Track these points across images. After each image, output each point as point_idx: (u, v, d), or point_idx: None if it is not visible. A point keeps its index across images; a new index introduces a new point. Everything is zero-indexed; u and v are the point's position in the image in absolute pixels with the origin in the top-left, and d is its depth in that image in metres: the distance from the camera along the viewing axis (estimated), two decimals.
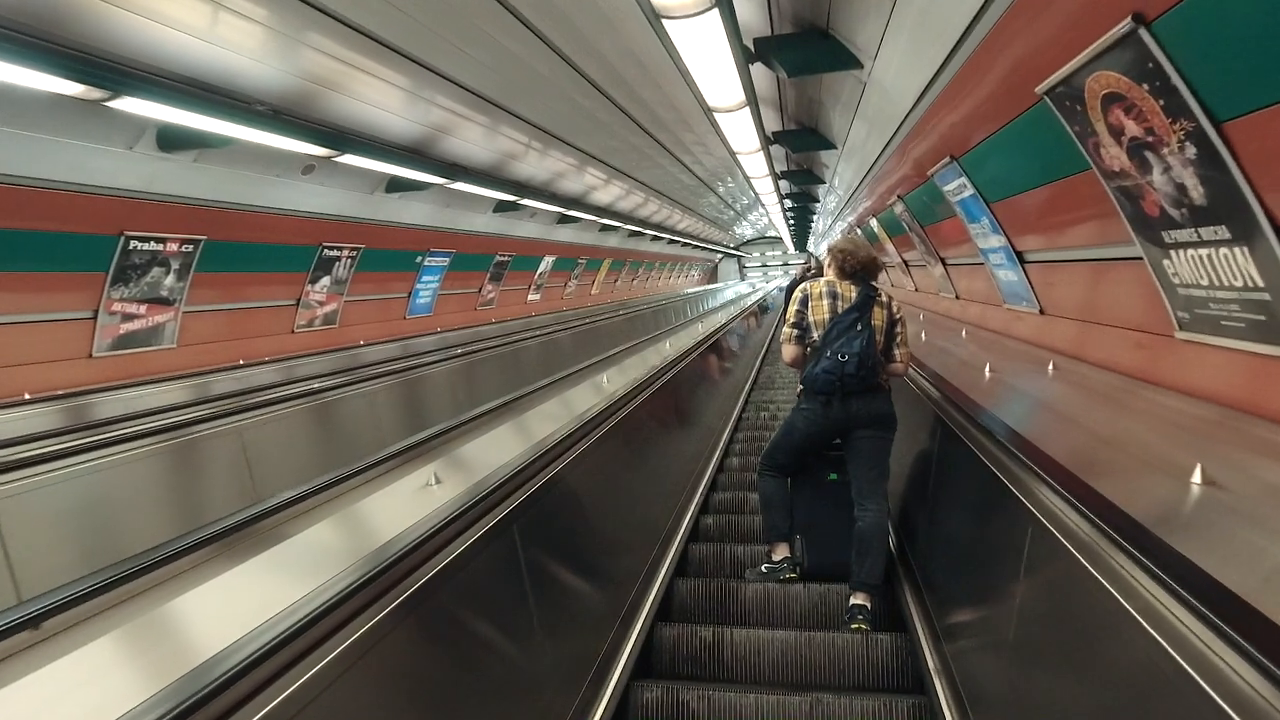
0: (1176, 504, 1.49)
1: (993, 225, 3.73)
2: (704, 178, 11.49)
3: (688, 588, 3.23)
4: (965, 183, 3.76)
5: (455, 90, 5.42)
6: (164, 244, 5.06)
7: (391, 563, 1.42)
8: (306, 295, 6.94)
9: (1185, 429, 2.03)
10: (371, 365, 6.61)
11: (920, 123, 3.75)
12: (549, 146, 7.76)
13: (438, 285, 9.41)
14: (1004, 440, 2.06)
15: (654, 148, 8.45)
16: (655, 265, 22.76)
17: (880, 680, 2.65)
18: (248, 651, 1.06)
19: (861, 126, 5.00)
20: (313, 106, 4.87)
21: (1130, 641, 1.22)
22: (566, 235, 12.66)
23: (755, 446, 5.62)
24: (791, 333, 3.08)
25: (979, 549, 2.31)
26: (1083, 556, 1.44)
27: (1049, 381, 3.01)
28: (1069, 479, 1.63)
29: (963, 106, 3.23)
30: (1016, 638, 1.81)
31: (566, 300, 15.24)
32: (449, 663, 1.66)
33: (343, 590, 1.27)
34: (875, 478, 3.02)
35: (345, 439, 5.66)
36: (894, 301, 3.10)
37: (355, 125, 5.32)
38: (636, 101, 6.29)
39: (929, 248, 5.82)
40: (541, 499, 2.22)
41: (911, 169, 4.71)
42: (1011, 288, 3.98)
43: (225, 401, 4.68)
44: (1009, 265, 3.83)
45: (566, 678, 2.17)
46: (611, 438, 3.12)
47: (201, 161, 4.87)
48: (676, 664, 2.77)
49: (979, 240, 4.17)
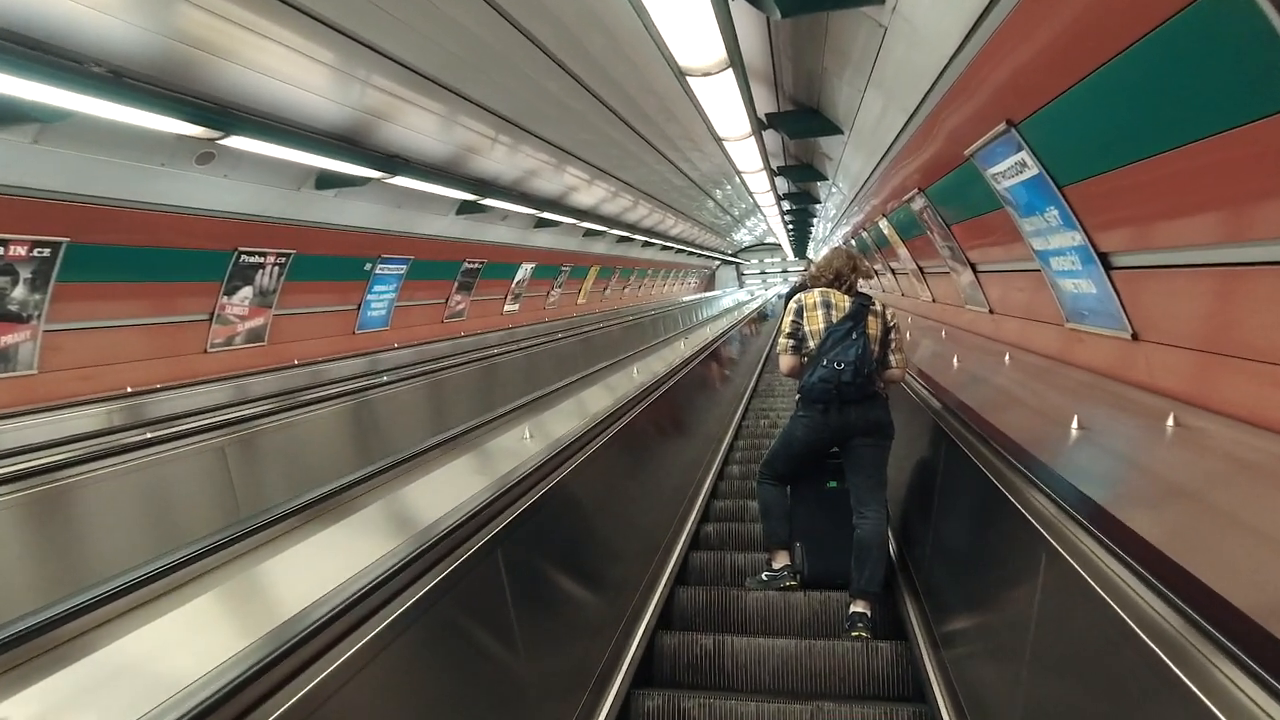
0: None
1: (1064, 218, 2.72)
2: (696, 179, 10.51)
3: (689, 596, 3.23)
4: (1025, 159, 2.75)
5: (394, 68, 4.49)
6: (4, 247, 4.05)
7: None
8: (223, 309, 5.93)
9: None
10: (307, 389, 5.63)
11: (965, 77, 2.74)
12: (516, 140, 6.79)
13: (394, 295, 8.41)
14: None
15: (637, 142, 7.47)
16: (648, 272, 21.64)
17: (880, 688, 2.64)
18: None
19: (876, 99, 4.00)
20: (189, 75, 3.89)
21: (1131, 653, 1.20)
22: (546, 240, 11.66)
23: (755, 455, 5.58)
24: (788, 344, 3.09)
25: (979, 557, 2.27)
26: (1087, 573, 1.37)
27: (1178, 451, 1.99)
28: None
29: (1035, 41, 2.23)
30: (1017, 646, 1.78)
31: (550, 311, 14.18)
32: (451, 671, 1.64)
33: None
34: (874, 485, 3.04)
35: (260, 485, 4.69)
36: (888, 310, 3.10)
37: (251, 102, 4.33)
38: (608, 82, 5.32)
39: (955, 251, 4.82)
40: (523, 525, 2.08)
41: (942, 149, 3.70)
42: (1083, 302, 2.97)
43: (71, 448, 3.67)
44: (1083, 272, 2.82)
45: (568, 685, 2.17)
46: (608, 450, 3.05)
47: (46, 143, 3.87)
48: (678, 672, 2.78)
49: (1035, 240, 3.16)
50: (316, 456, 5.03)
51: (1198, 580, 1.11)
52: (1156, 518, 1.48)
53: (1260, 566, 1.22)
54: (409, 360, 7.62)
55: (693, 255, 22.85)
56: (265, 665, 1.05)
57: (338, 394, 5.69)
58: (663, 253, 19.12)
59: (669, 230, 16.61)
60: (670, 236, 17.53)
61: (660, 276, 23.73)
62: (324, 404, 5.43)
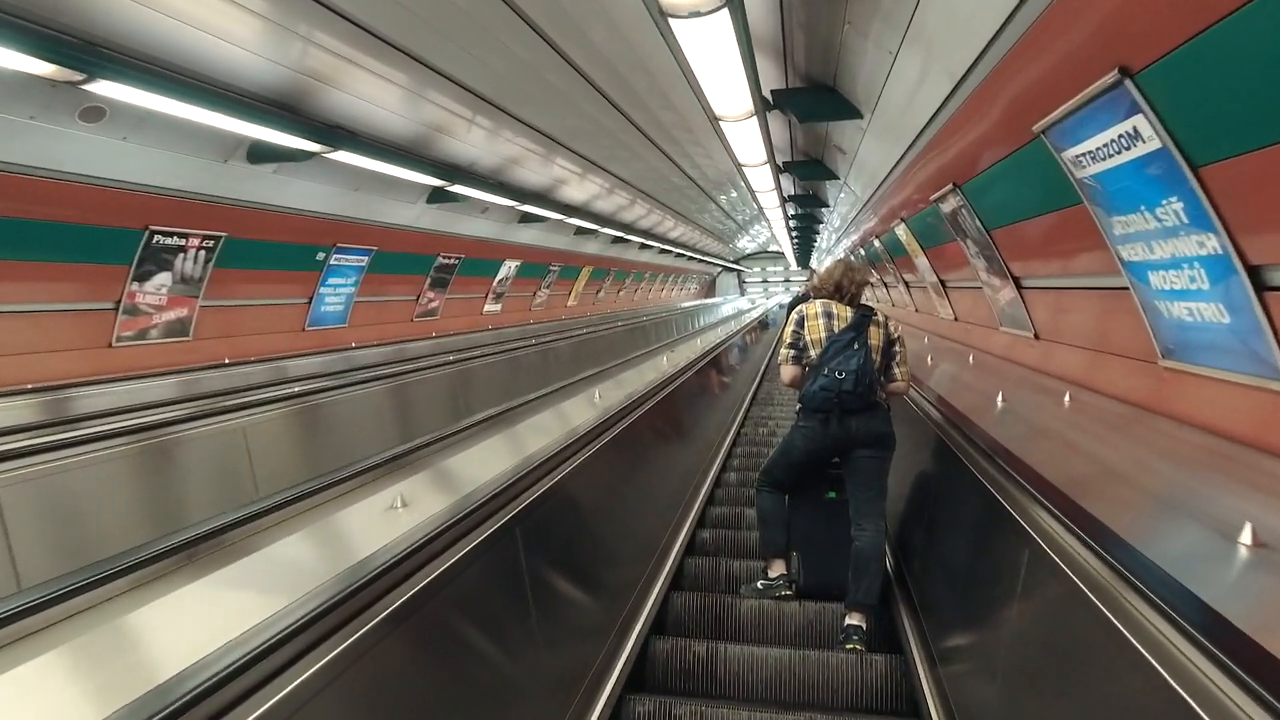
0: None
1: (1194, 213, 1.89)
2: (696, 178, 9.69)
3: (683, 602, 3.20)
4: (1138, 127, 1.92)
5: (340, 24, 3.73)
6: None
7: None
8: (133, 297, 5.09)
9: None
10: (237, 393, 4.82)
11: (1055, 8, 1.92)
12: (496, 122, 5.99)
13: (354, 290, 7.58)
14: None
15: (630, 132, 6.67)
16: (645, 276, 20.67)
17: (874, 701, 2.61)
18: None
19: (913, 61, 3.17)
20: (54, 4, 3.08)
21: (1128, 668, 1.21)
22: (532, 237, 10.83)
23: (753, 463, 5.58)
24: (789, 354, 3.11)
25: (977, 573, 2.22)
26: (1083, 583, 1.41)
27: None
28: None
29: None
30: (1013, 662, 1.80)
31: (536, 313, 13.29)
32: (442, 672, 1.63)
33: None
34: (873, 497, 3.02)
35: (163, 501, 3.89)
36: (891, 321, 3.09)
37: (134, 42, 3.50)
38: (599, 62, 4.53)
39: (995, 262, 3.99)
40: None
41: (996, 126, 2.88)
42: (1198, 334, 2.14)
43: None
44: (1210, 292, 1.99)
45: (560, 688, 2.16)
46: (607, 453, 3.05)
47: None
48: (669, 678, 2.74)
49: (1126, 247, 2.34)
50: (204, 484, 4.19)
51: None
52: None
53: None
54: (371, 361, 6.78)
55: (692, 260, 21.98)
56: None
57: (260, 401, 4.86)
58: (661, 256, 18.24)
59: (668, 233, 15.79)
60: (669, 240, 16.71)
61: (658, 281, 22.84)
62: (238, 414, 4.60)
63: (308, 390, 5.17)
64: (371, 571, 1.42)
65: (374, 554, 1.49)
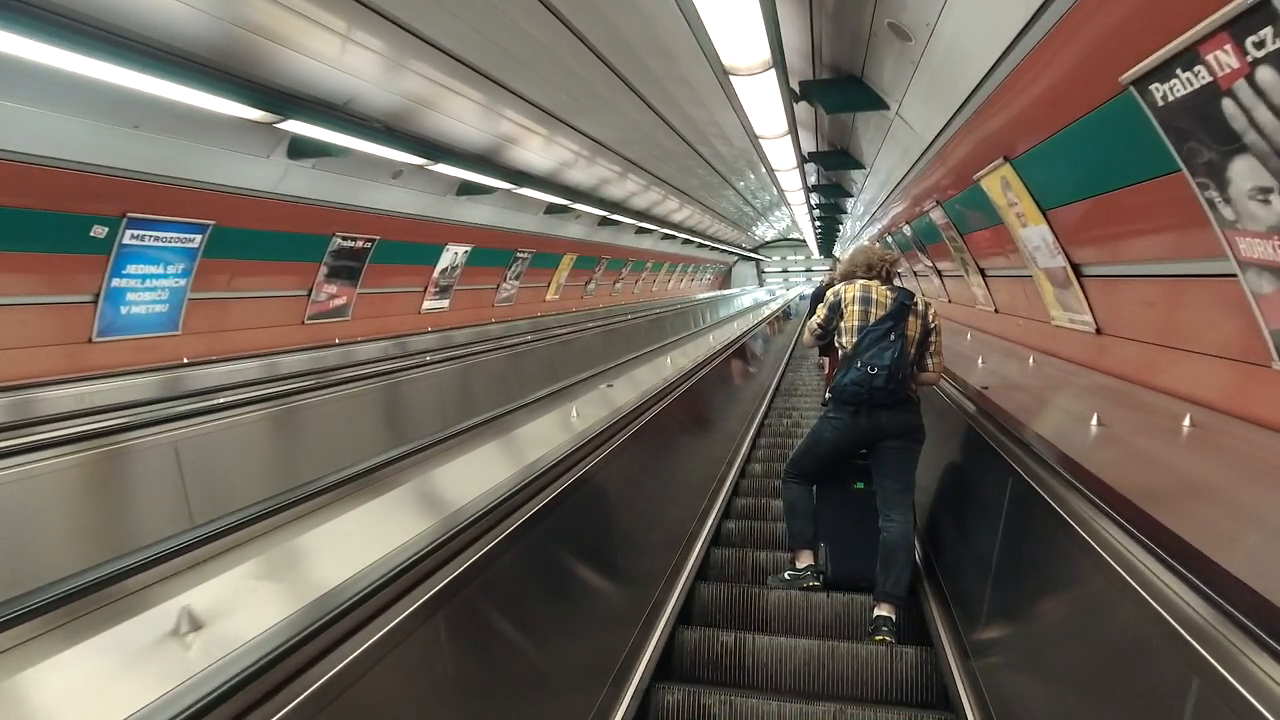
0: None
1: None
2: (708, 156, 8.55)
3: (709, 592, 3.19)
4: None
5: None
6: None
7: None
8: None
9: None
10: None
11: None
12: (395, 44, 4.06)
13: (184, 282, 5.61)
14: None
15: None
16: (647, 265, 17.96)
17: (904, 694, 2.58)
18: None
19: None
20: None
21: (1173, 660, 1.18)
22: (482, 216, 8.33)
23: (778, 454, 5.58)
24: (815, 328, 3.08)
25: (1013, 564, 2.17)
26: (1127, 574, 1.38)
27: None
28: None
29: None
30: (1052, 656, 1.77)
31: (501, 309, 11.00)
32: (475, 660, 1.63)
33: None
34: (901, 489, 2.98)
35: None
36: (930, 309, 2.97)
37: None
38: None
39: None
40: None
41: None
42: None
43: None
44: None
45: (588, 677, 2.17)
46: (618, 455, 2.84)
47: None
48: (697, 668, 2.73)
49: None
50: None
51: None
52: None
53: None
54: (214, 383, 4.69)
55: (703, 248, 20.13)
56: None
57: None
58: (665, 242, 16.26)
59: (672, 216, 13.90)
60: (674, 224, 14.86)
61: (664, 270, 20.56)
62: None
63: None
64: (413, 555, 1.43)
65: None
